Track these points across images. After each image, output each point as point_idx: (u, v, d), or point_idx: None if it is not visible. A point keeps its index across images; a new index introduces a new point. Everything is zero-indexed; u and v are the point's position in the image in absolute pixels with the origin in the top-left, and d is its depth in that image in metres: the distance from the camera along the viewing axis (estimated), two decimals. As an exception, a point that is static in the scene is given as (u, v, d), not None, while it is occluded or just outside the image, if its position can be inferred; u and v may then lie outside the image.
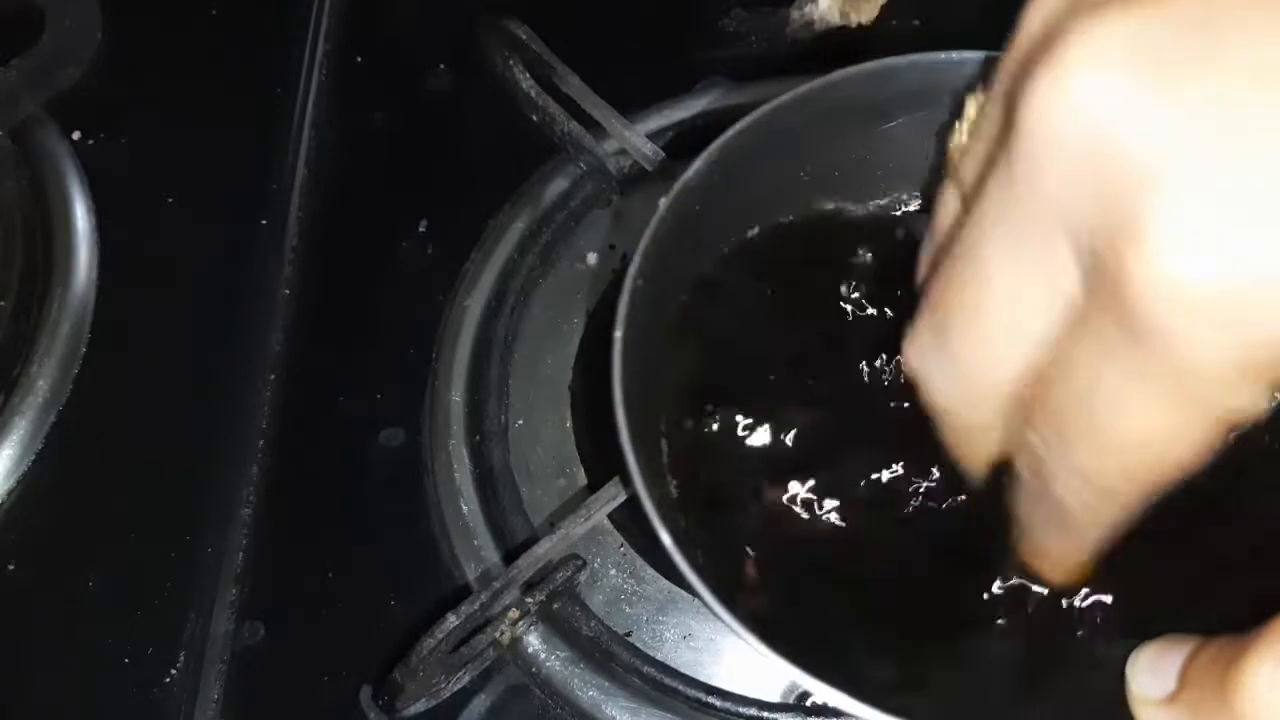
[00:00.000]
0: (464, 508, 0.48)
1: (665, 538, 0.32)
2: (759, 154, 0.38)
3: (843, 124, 0.38)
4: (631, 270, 0.35)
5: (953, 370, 0.30)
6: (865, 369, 0.37)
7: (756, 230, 0.40)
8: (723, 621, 0.31)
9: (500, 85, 0.55)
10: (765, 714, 0.43)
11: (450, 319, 0.53)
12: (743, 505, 0.36)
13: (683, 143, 0.56)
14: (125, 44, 0.62)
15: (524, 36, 0.55)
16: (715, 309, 0.40)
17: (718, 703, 0.44)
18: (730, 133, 0.37)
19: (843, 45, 0.60)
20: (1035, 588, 0.34)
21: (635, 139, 0.53)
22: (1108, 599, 0.33)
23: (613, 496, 0.45)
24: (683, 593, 0.46)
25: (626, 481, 0.44)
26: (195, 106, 0.60)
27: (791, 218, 0.41)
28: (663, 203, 0.36)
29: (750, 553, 0.36)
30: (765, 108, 0.37)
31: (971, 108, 0.30)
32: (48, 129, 0.58)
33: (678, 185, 0.36)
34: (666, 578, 0.46)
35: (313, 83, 0.61)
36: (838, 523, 0.36)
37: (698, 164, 0.36)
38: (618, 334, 0.34)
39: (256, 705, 0.46)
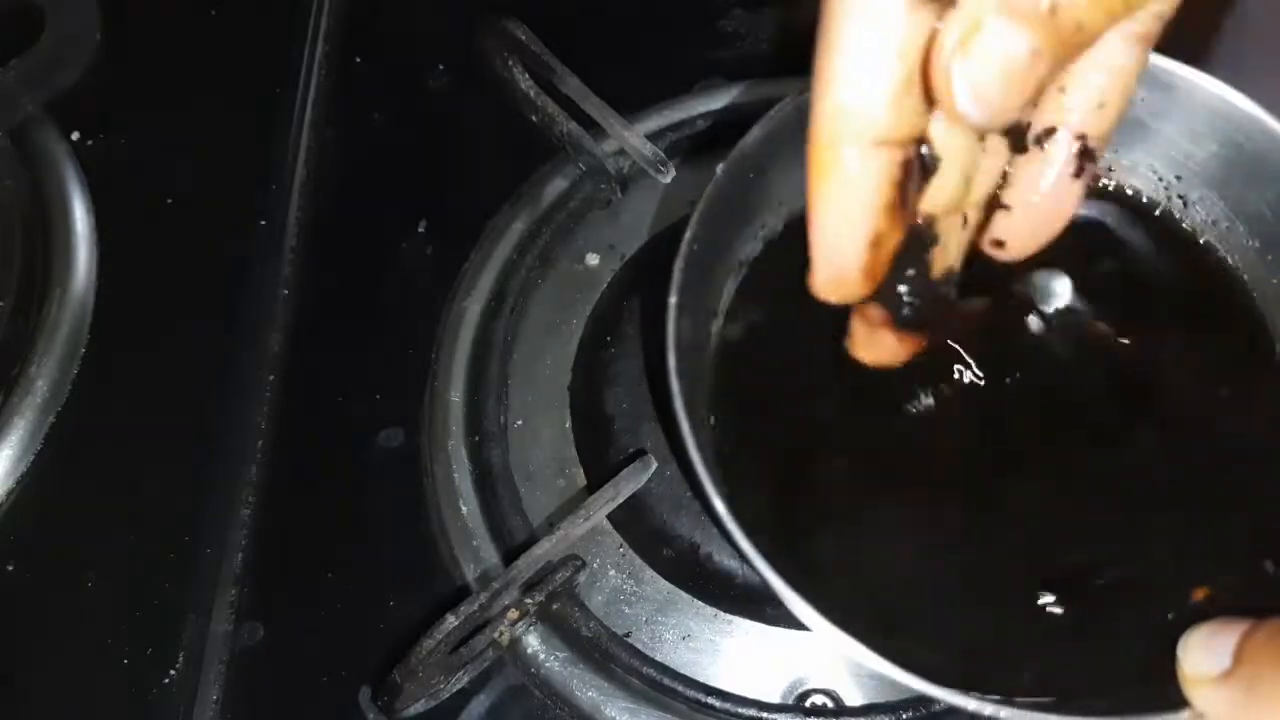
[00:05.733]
0: (463, 508, 0.48)
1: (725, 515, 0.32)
2: None
3: None
4: (687, 235, 0.35)
5: None
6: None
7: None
8: (762, 574, 0.31)
9: (500, 85, 0.55)
10: (764, 714, 0.43)
11: (450, 319, 0.53)
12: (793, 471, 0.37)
13: (682, 143, 0.56)
14: (125, 44, 0.62)
15: (524, 37, 0.55)
16: (769, 278, 0.40)
17: (717, 703, 0.44)
18: (789, 101, 0.36)
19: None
20: None
21: (634, 139, 0.53)
22: None
23: (612, 497, 0.45)
24: (682, 593, 0.46)
25: (679, 453, 0.44)
26: (195, 106, 0.60)
27: None
28: (720, 169, 0.36)
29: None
30: None
31: None
32: (47, 129, 0.58)
33: (734, 152, 0.36)
34: (666, 578, 0.46)
35: (313, 83, 0.61)
36: (887, 484, 0.36)
37: (755, 130, 0.36)
38: (673, 299, 0.34)
39: (256, 705, 0.46)
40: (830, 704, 0.44)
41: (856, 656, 0.31)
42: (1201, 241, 0.40)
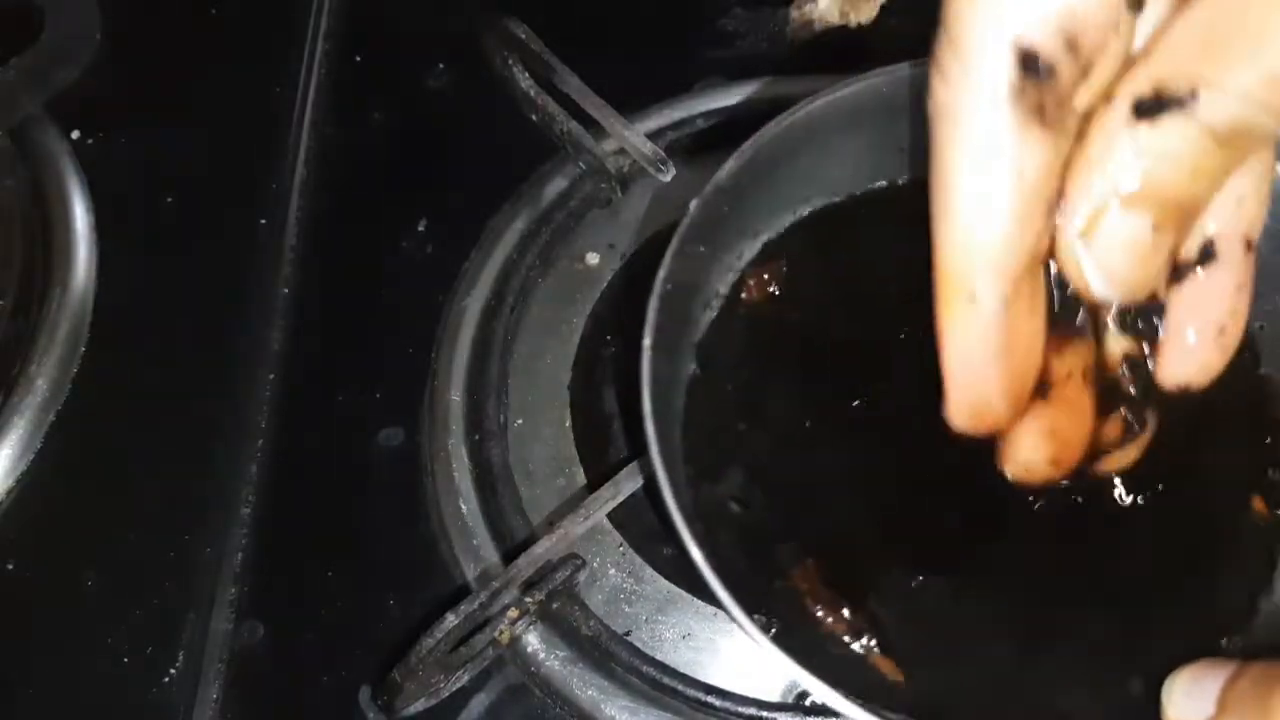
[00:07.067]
0: (463, 507, 0.48)
1: (694, 551, 0.32)
2: (792, 154, 0.37)
3: (877, 123, 0.38)
4: (660, 274, 0.35)
5: None
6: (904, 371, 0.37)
7: (781, 231, 0.40)
8: (728, 612, 0.31)
9: (500, 85, 0.55)
10: (764, 713, 0.43)
11: (450, 318, 0.53)
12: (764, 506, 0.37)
13: (682, 142, 0.56)
14: (125, 44, 0.62)
15: (524, 36, 0.55)
16: (743, 312, 0.40)
17: (717, 702, 0.44)
18: (762, 133, 0.36)
19: (842, 45, 0.60)
20: None
21: (634, 139, 0.53)
22: None
23: (612, 496, 0.45)
24: (682, 592, 0.46)
25: (651, 487, 0.44)
26: (195, 106, 0.60)
27: (816, 210, 0.41)
28: (693, 205, 0.35)
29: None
30: (801, 109, 0.36)
31: None
32: (47, 129, 0.58)
33: (709, 187, 0.36)
34: (666, 577, 0.46)
35: (313, 83, 0.61)
36: (870, 519, 0.36)
37: (730, 164, 0.36)
38: (647, 341, 0.34)
39: (256, 705, 0.46)
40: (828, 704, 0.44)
41: (802, 680, 0.31)
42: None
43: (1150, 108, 0.26)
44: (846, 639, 0.34)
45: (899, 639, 0.34)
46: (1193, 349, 0.31)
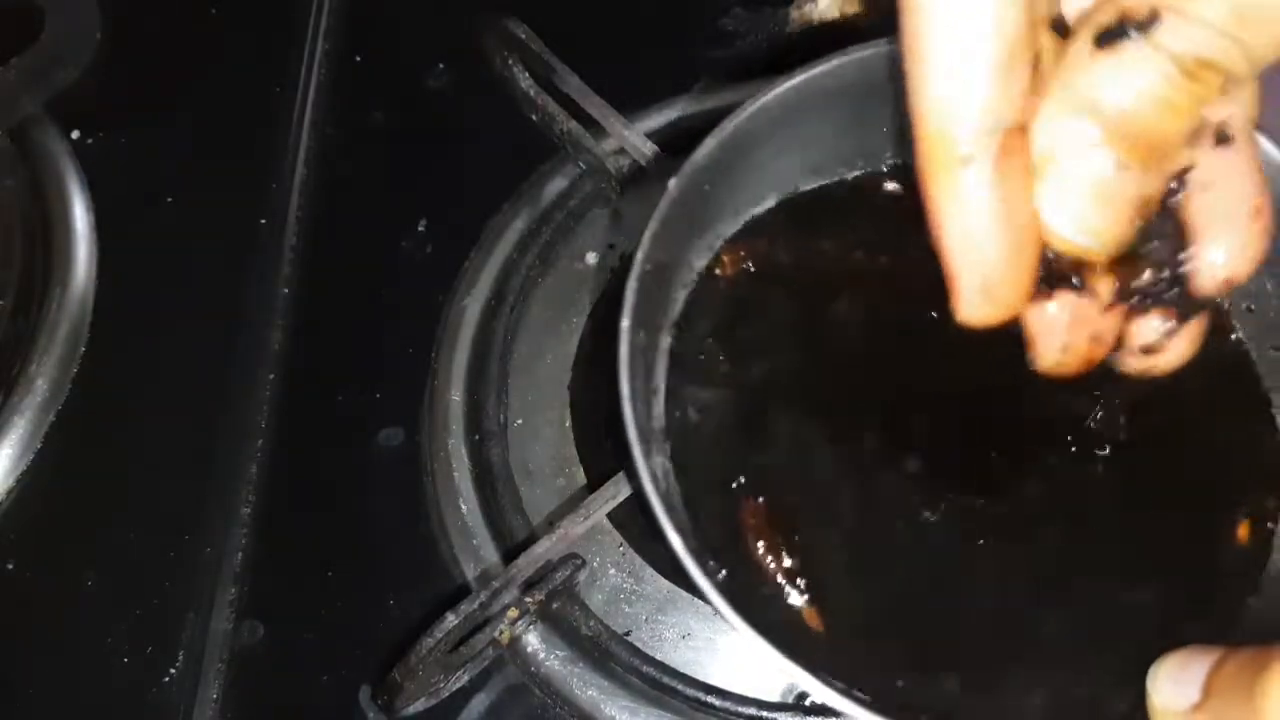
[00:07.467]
0: (463, 507, 0.48)
1: (674, 540, 0.32)
2: (770, 133, 0.37)
3: (855, 100, 0.37)
4: (639, 255, 0.34)
5: None
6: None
7: (766, 208, 0.40)
8: (718, 610, 0.31)
9: (500, 85, 0.55)
10: (764, 713, 0.43)
11: (450, 318, 0.53)
12: (741, 495, 0.36)
13: (682, 142, 0.56)
14: (125, 44, 0.62)
15: (523, 36, 0.55)
16: (723, 291, 0.40)
17: (717, 702, 0.44)
18: (739, 111, 0.36)
19: (842, 43, 0.60)
20: None
21: (634, 138, 0.53)
22: None
23: (612, 496, 0.45)
24: (682, 592, 0.46)
25: (633, 482, 0.44)
26: (195, 106, 0.60)
27: (800, 192, 0.40)
28: (672, 184, 0.35)
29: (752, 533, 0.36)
30: (781, 85, 0.36)
31: None
32: (47, 129, 0.58)
33: (686, 166, 0.35)
34: (666, 577, 0.46)
35: (312, 82, 0.61)
36: (847, 509, 0.36)
37: (708, 141, 0.36)
38: (625, 323, 0.34)
39: (256, 705, 0.46)
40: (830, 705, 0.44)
41: (787, 670, 0.30)
42: None
43: (1111, 34, 0.26)
44: (779, 580, 0.34)
45: (829, 591, 0.34)
46: (1229, 231, 0.29)
